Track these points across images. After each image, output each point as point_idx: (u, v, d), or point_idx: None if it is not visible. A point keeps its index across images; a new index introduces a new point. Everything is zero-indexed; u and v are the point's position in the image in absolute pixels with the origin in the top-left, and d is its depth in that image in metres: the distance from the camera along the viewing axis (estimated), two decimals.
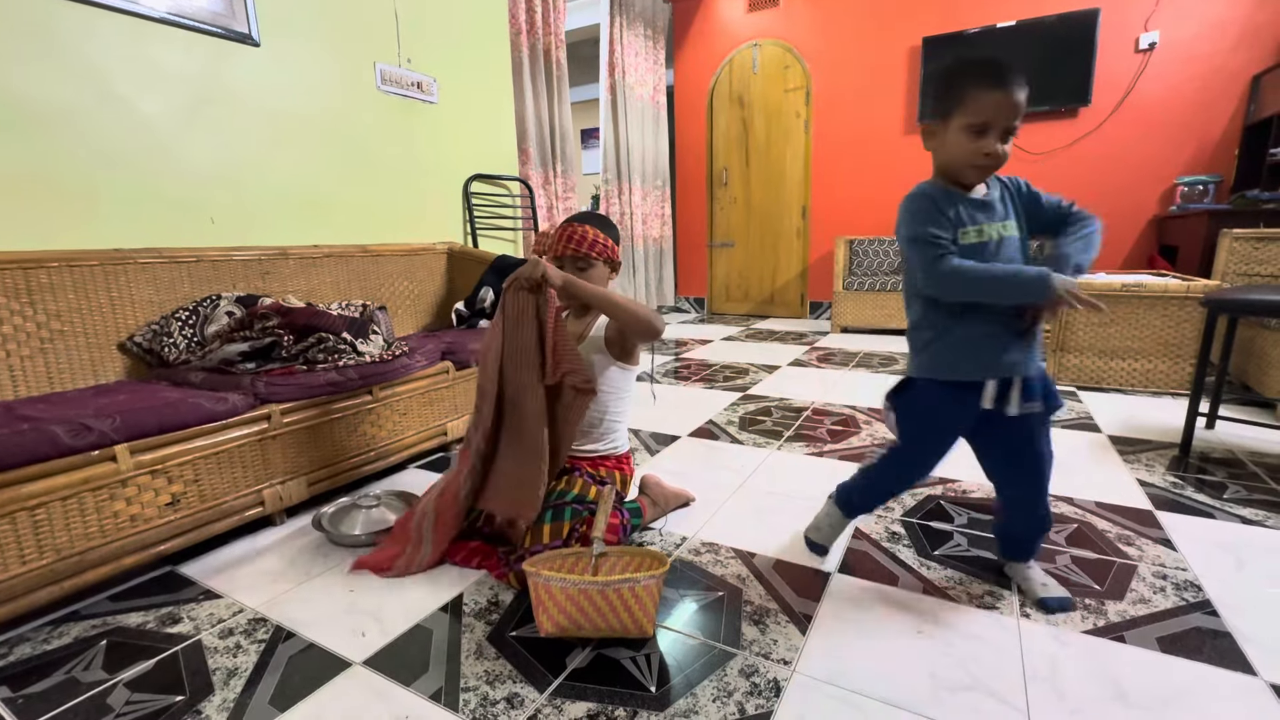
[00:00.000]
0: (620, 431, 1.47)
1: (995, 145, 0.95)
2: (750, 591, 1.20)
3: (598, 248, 1.36)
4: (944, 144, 1.00)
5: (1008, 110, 0.93)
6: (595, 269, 1.38)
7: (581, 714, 0.90)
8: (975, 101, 0.94)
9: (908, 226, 1.02)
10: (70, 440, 1.15)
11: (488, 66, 2.94)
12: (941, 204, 1.00)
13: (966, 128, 0.96)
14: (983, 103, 0.94)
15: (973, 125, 0.95)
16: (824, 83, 4.64)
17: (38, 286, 1.51)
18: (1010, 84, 0.93)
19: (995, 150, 0.95)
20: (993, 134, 0.94)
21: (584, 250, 1.35)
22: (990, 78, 0.94)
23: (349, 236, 2.32)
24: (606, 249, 1.38)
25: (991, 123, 0.94)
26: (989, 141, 0.95)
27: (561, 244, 1.36)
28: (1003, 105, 0.93)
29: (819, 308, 4.99)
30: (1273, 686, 0.92)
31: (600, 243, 1.37)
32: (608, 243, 1.39)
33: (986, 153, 0.95)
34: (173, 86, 1.81)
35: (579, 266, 1.37)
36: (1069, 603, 1.12)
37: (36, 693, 0.97)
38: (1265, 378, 2.22)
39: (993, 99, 0.93)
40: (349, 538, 1.41)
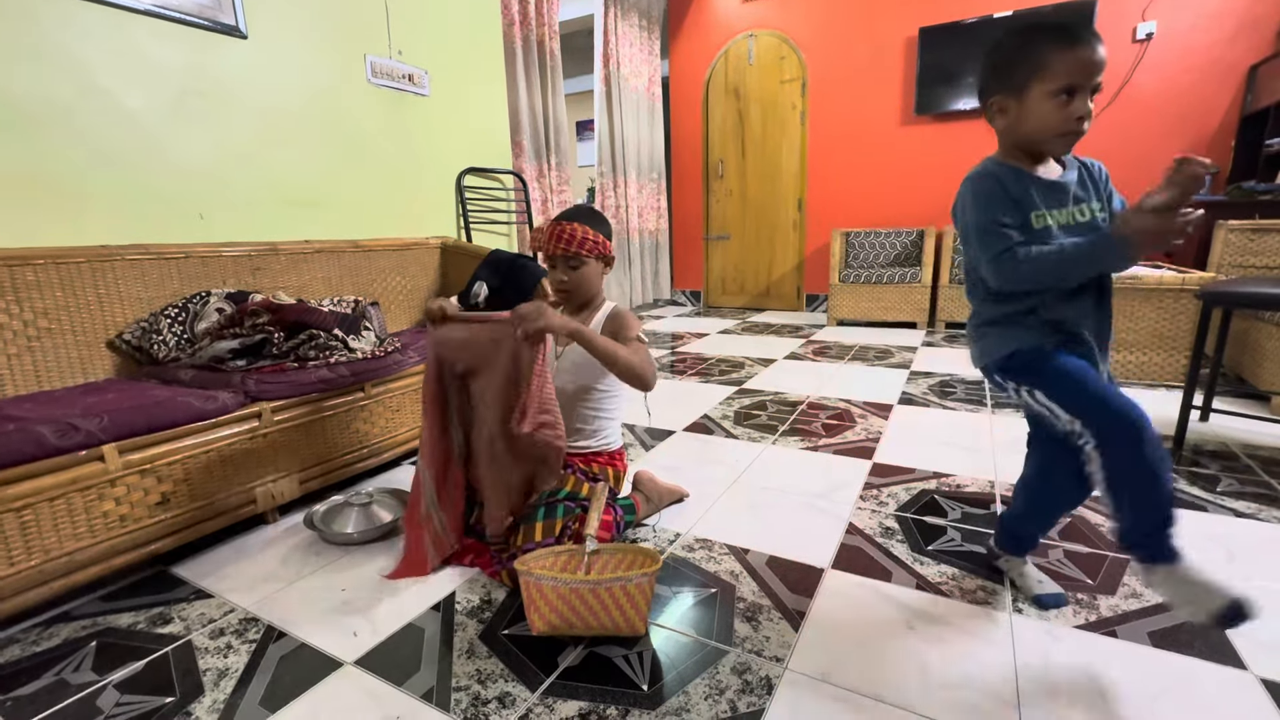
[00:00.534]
0: (613, 428, 1.47)
1: (1083, 106, 0.87)
2: (743, 588, 1.20)
3: (588, 245, 1.34)
4: (1024, 117, 0.92)
5: (1093, 67, 0.86)
6: (588, 266, 1.36)
7: (573, 713, 0.90)
8: (1059, 63, 0.86)
9: (972, 213, 0.94)
10: (57, 440, 1.14)
11: (480, 58, 2.91)
12: (1010, 186, 0.93)
13: (1053, 93, 0.88)
14: (1068, 63, 0.86)
15: (1060, 89, 0.87)
16: (820, 74, 4.61)
17: (24, 284, 1.49)
18: (1091, 39, 0.86)
19: (1088, 111, 0.88)
20: (1081, 95, 0.87)
21: (574, 249, 1.33)
22: (1069, 36, 0.87)
23: (340, 231, 2.30)
24: (598, 245, 1.35)
25: (1079, 84, 0.87)
26: (1079, 103, 0.87)
27: (552, 243, 1.34)
28: (1088, 63, 0.86)
29: (815, 300, 4.98)
30: (1263, 681, 0.93)
31: (591, 240, 1.34)
32: (599, 239, 1.35)
33: (1079, 116, 0.87)
34: (159, 80, 1.78)
35: (571, 265, 1.35)
36: (1064, 599, 1.12)
37: (25, 695, 0.96)
38: (1259, 370, 2.22)
39: (1078, 57, 0.86)
40: (341, 536, 1.41)
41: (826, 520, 1.46)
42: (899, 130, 4.38)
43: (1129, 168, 3.75)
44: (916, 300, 4.02)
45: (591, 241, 1.34)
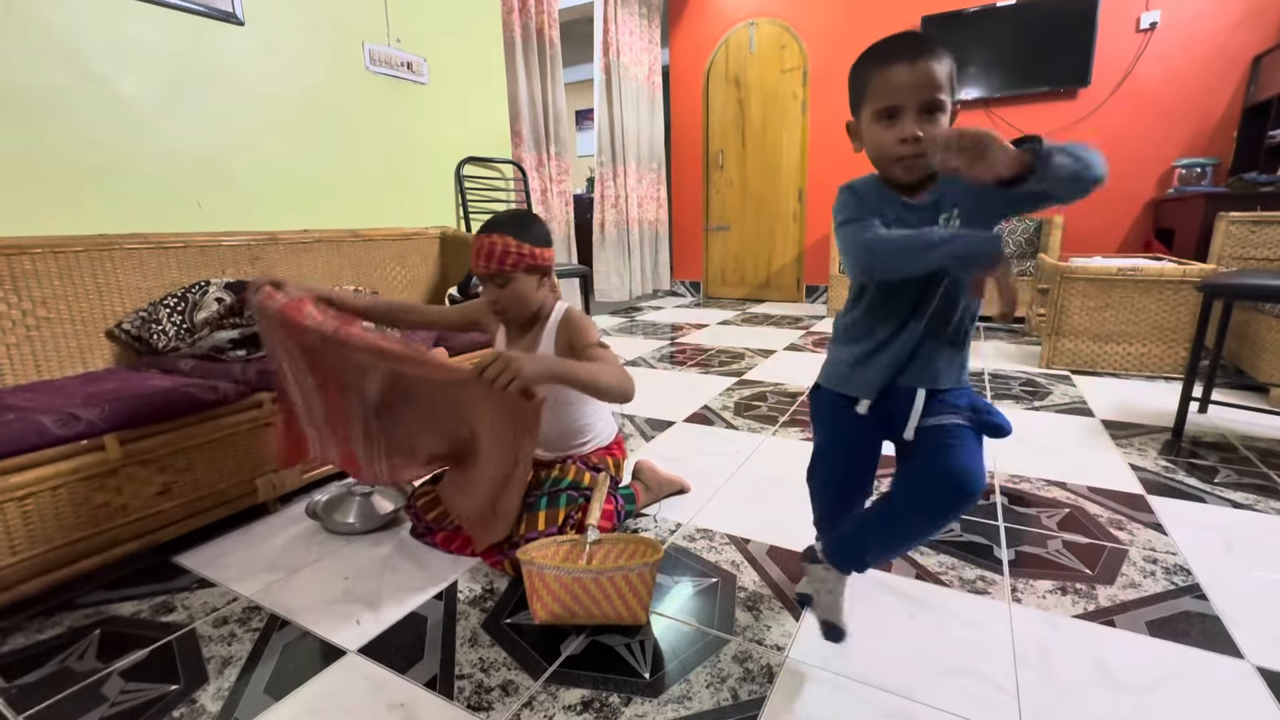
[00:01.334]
0: (601, 423, 1.44)
1: (912, 128, 0.78)
2: (744, 577, 1.20)
3: (510, 259, 1.18)
4: (865, 142, 0.86)
5: (910, 86, 0.77)
6: (517, 281, 1.21)
7: (576, 701, 0.91)
8: (876, 83, 0.80)
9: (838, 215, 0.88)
10: (58, 430, 1.14)
11: (479, 46, 2.88)
12: (867, 198, 0.86)
13: (876, 116, 0.81)
14: (883, 83, 0.79)
15: (880, 110, 0.80)
16: (822, 63, 4.58)
17: (22, 273, 1.48)
18: (914, 54, 0.78)
19: (912, 133, 0.78)
20: (907, 116, 0.79)
21: (494, 266, 1.18)
22: (884, 55, 0.80)
23: (339, 221, 2.29)
24: (524, 258, 1.19)
25: (899, 103, 0.78)
26: (904, 125, 0.79)
27: (475, 261, 1.21)
28: (903, 82, 0.78)
29: (815, 291, 4.97)
30: (1260, 669, 0.93)
31: (514, 252, 1.18)
32: (522, 249, 1.19)
33: (902, 138, 0.79)
34: (155, 67, 1.76)
35: (498, 284, 1.22)
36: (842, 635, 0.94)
37: (30, 683, 0.97)
38: (1259, 362, 2.23)
39: (895, 75, 0.78)
40: (344, 526, 1.41)
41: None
42: None
43: (1131, 160, 3.74)
44: None
45: (515, 254, 1.19)
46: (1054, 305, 2.66)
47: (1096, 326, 2.61)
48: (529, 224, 1.23)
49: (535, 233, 1.23)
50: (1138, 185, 3.75)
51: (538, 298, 1.27)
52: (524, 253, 1.19)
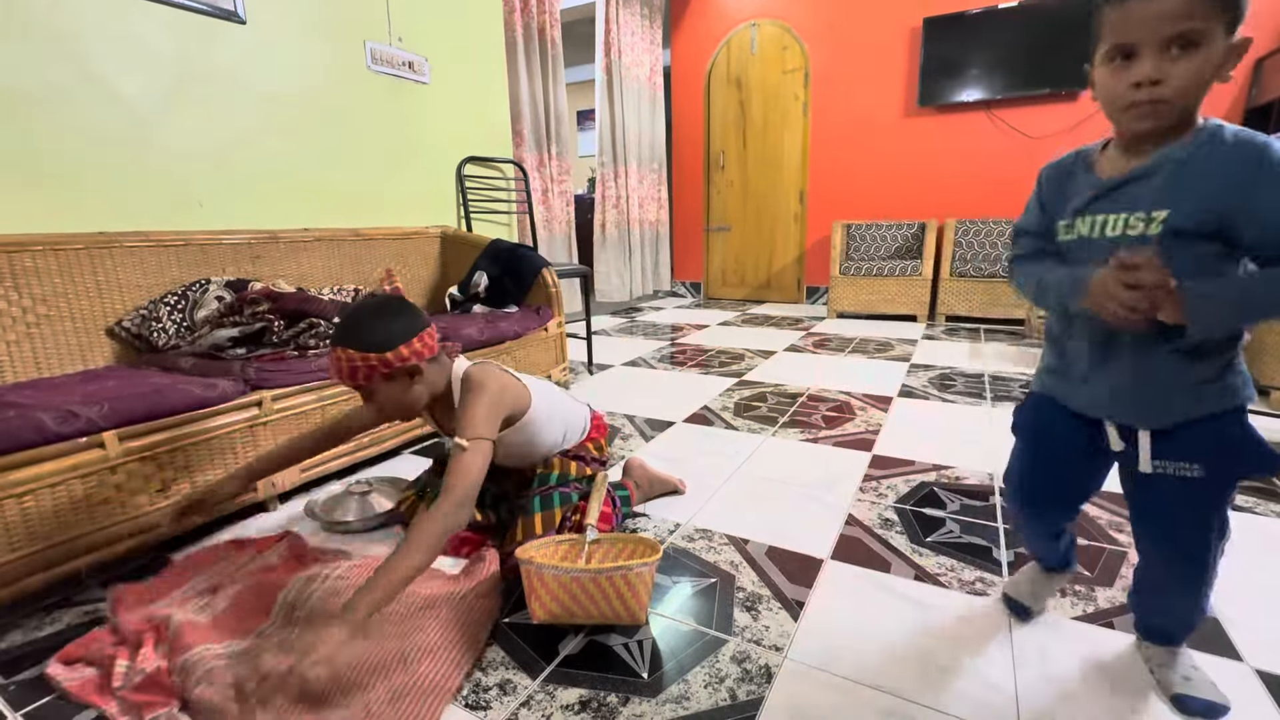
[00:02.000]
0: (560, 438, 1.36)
1: (1145, 69, 0.66)
2: (743, 578, 1.20)
3: (360, 374, 1.04)
4: (1098, 89, 0.74)
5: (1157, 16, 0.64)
6: (380, 392, 1.09)
7: (574, 700, 0.90)
8: (1109, 19, 0.68)
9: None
10: (57, 427, 1.14)
11: (481, 46, 2.88)
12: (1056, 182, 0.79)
13: (1108, 57, 0.69)
14: (1119, 13, 0.67)
15: (1111, 50, 0.69)
16: (823, 64, 4.58)
17: (22, 270, 1.48)
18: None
19: (1145, 75, 0.66)
20: (1145, 56, 0.66)
21: (347, 383, 1.07)
22: None
23: (340, 220, 2.29)
24: (373, 370, 1.04)
25: (1135, 39, 0.66)
26: (1139, 67, 0.66)
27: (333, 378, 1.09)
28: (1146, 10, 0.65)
29: (815, 292, 4.97)
30: (1258, 672, 0.93)
31: (359, 366, 1.03)
32: (369, 360, 1.03)
33: (1135, 82, 0.67)
34: (157, 65, 1.77)
35: (365, 396, 1.11)
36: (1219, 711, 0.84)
37: (28, 680, 0.97)
38: (1260, 364, 2.22)
39: (1126, 8, 0.66)
40: (342, 525, 1.41)
41: (826, 511, 1.46)
42: (902, 122, 4.36)
43: None
44: (917, 293, 4.01)
45: (363, 369, 1.03)
46: None
47: None
48: (378, 324, 1.06)
49: (386, 333, 1.05)
50: None
51: (415, 396, 1.12)
52: (372, 364, 1.03)
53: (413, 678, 0.90)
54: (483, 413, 1.11)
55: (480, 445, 1.07)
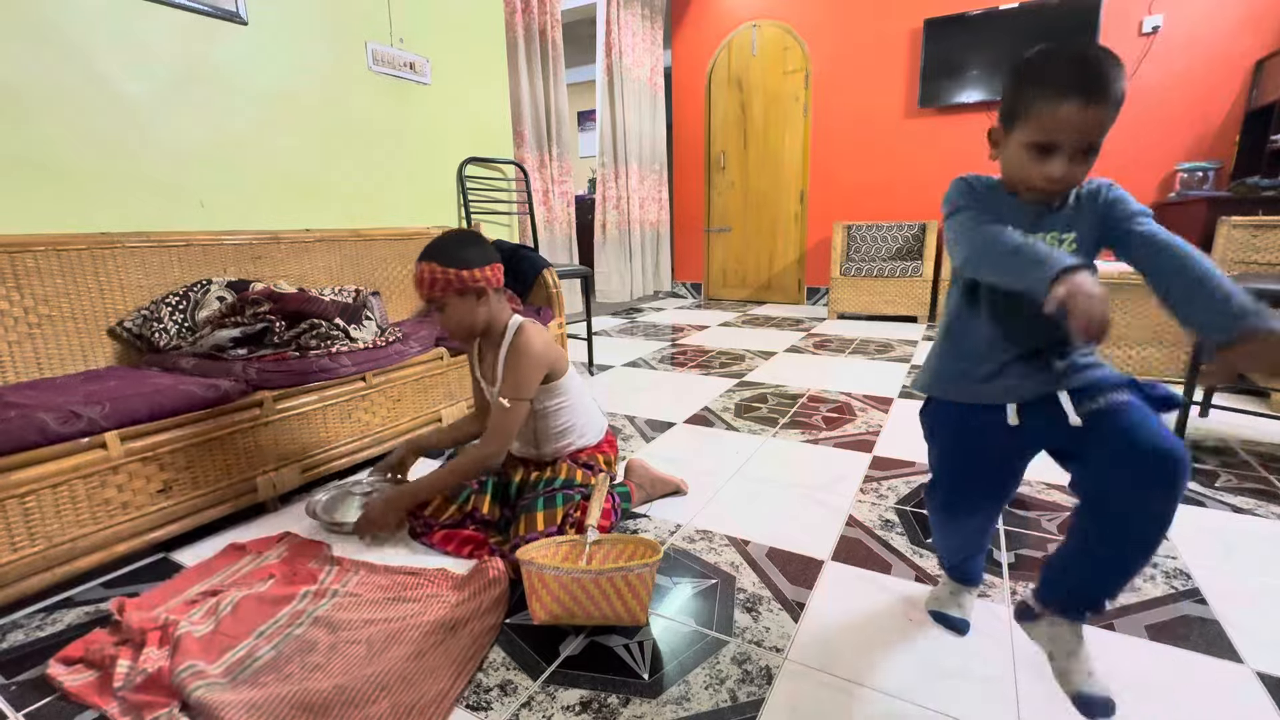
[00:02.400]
0: (584, 424, 1.45)
1: (1060, 169, 0.74)
2: (743, 579, 1.20)
3: (438, 285, 1.23)
4: (1004, 158, 0.82)
5: (1082, 127, 0.72)
6: (450, 306, 1.26)
7: (574, 701, 0.91)
8: (1040, 115, 0.74)
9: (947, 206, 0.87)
10: (59, 427, 1.14)
11: (482, 47, 2.89)
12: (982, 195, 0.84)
13: (1028, 145, 0.76)
14: (1047, 117, 0.73)
15: (1035, 144, 0.75)
16: (824, 65, 4.58)
17: (24, 271, 1.49)
18: (1090, 94, 0.70)
19: (1059, 175, 0.75)
20: (1060, 155, 0.74)
21: (424, 293, 1.25)
22: (1061, 86, 0.72)
23: (341, 220, 2.29)
24: (450, 283, 1.23)
25: (1057, 142, 0.74)
26: (1055, 164, 0.75)
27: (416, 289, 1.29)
28: (1072, 122, 0.72)
29: (816, 293, 4.97)
30: (1259, 674, 0.93)
31: (440, 278, 1.22)
32: (449, 275, 1.22)
33: (1049, 176, 0.76)
34: (159, 66, 1.77)
35: (436, 309, 1.29)
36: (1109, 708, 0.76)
37: (30, 680, 0.97)
38: None
39: (1063, 114, 0.72)
40: (342, 526, 1.41)
41: (826, 513, 1.46)
42: (902, 123, 4.36)
43: (1133, 164, 3.74)
44: (918, 294, 4.02)
45: (442, 280, 1.23)
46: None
47: None
48: (462, 246, 1.25)
49: (468, 255, 1.24)
50: (1140, 189, 3.75)
51: (478, 316, 1.29)
52: (450, 278, 1.22)
53: (416, 696, 0.90)
54: (524, 375, 1.29)
55: (518, 406, 1.29)
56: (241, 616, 1.07)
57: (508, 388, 1.29)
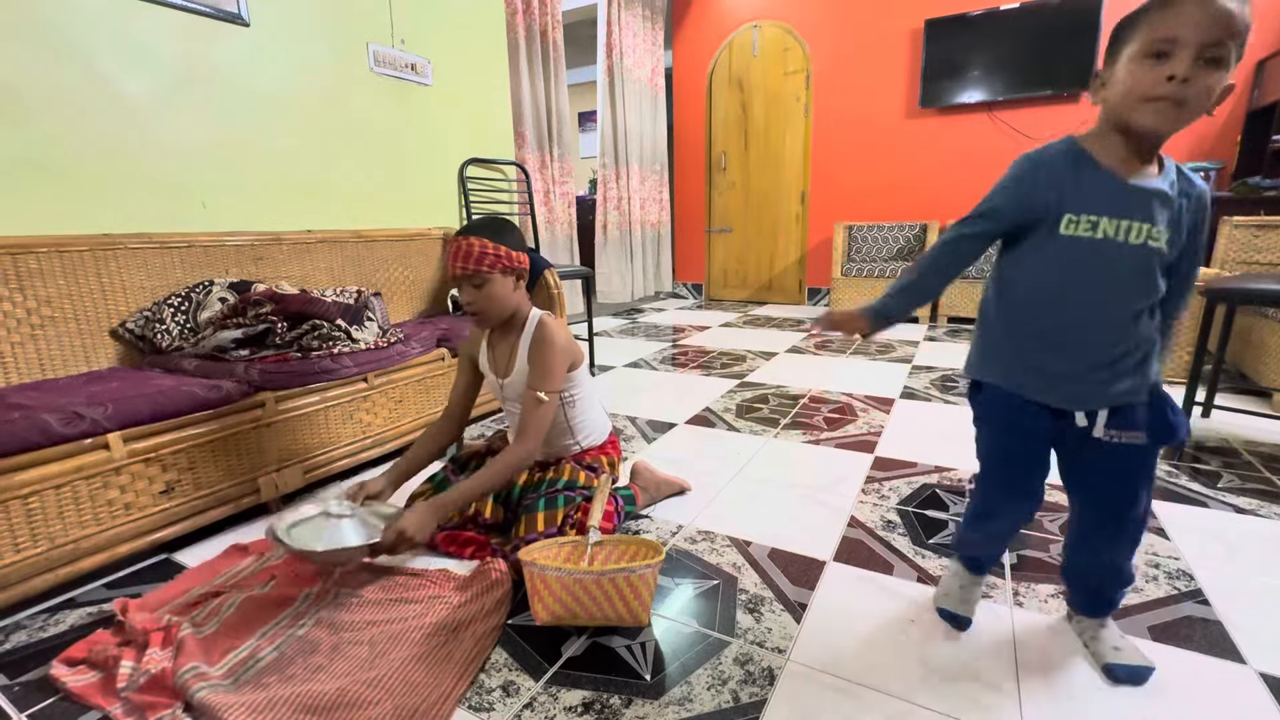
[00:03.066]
0: (590, 425, 1.46)
1: (1181, 66, 0.68)
2: (745, 580, 1.20)
3: (488, 260, 1.22)
4: (1113, 82, 0.75)
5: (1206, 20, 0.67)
6: (493, 283, 1.25)
7: (577, 702, 0.91)
8: (1155, 17, 0.69)
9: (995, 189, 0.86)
10: (62, 428, 1.14)
11: (483, 48, 2.89)
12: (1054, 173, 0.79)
13: (1142, 53, 0.71)
14: (1163, 16, 0.68)
15: (1150, 45, 0.70)
16: (825, 66, 4.58)
17: (27, 272, 1.49)
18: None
19: (1179, 71, 0.68)
20: (1182, 54, 0.68)
21: (472, 266, 1.21)
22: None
23: (343, 221, 2.30)
24: (499, 259, 1.23)
25: (1177, 37, 0.68)
26: (1173, 64, 0.68)
27: (451, 263, 1.23)
28: (1195, 14, 0.67)
29: (817, 294, 4.97)
30: (1261, 675, 0.93)
31: (490, 253, 1.22)
32: (499, 251, 1.23)
33: (1169, 75, 0.68)
34: (161, 67, 1.77)
35: (474, 284, 1.24)
36: (1144, 674, 0.92)
37: (32, 681, 0.97)
38: (1262, 366, 2.22)
39: (1178, 9, 0.68)
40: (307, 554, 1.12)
41: (828, 513, 1.46)
42: (903, 123, 4.36)
43: None
44: None
45: (492, 255, 1.22)
46: None
47: None
48: (506, 228, 1.28)
49: (512, 237, 1.27)
50: None
51: (514, 299, 1.30)
52: (500, 254, 1.23)
53: (419, 698, 0.90)
54: (555, 366, 1.29)
55: (554, 397, 1.29)
56: (244, 618, 1.07)
57: (539, 380, 1.28)
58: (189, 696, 0.88)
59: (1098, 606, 0.98)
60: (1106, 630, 0.97)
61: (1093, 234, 0.78)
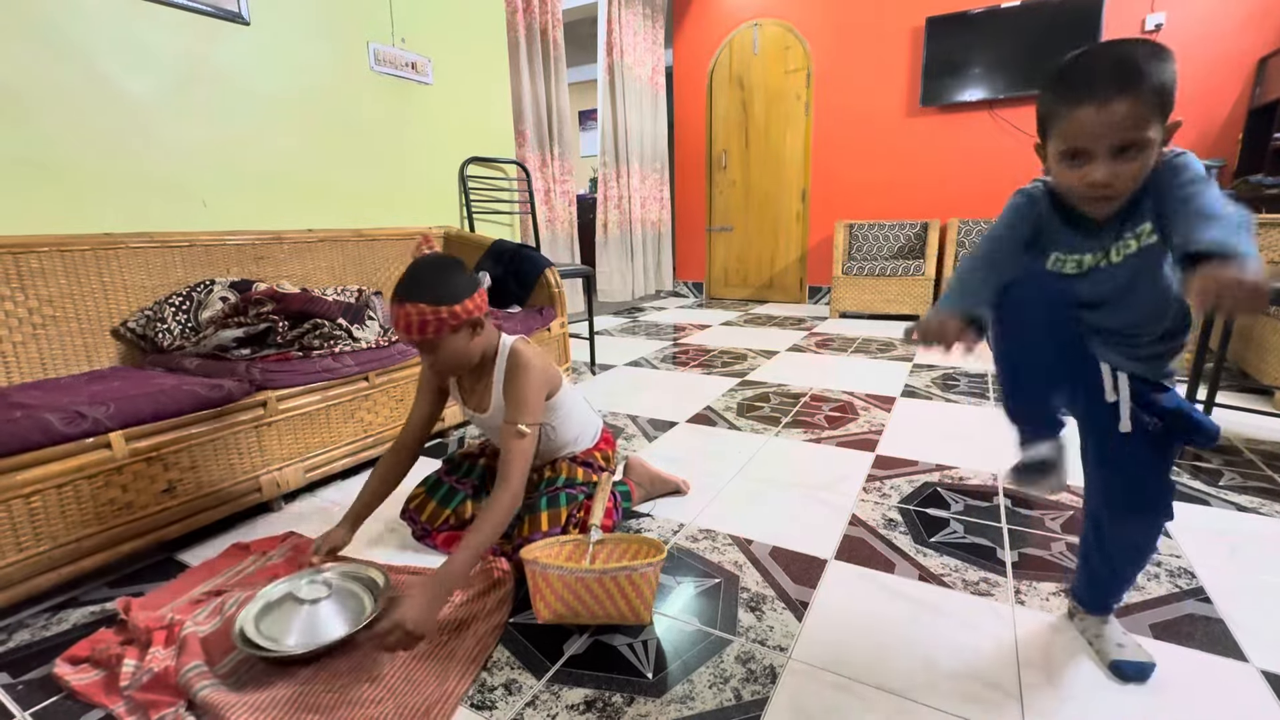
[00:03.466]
0: (578, 435, 1.40)
1: (1101, 173, 0.72)
2: (747, 578, 1.20)
3: (430, 328, 1.07)
4: (1050, 170, 0.80)
5: (1107, 128, 0.70)
6: (445, 344, 1.12)
7: (579, 700, 0.91)
8: (1063, 122, 0.73)
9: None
10: (64, 427, 1.14)
11: (484, 46, 2.89)
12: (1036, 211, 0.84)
13: (1059, 153, 0.75)
14: (1071, 123, 0.72)
15: (1065, 149, 0.74)
16: (825, 64, 4.57)
17: (28, 272, 1.49)
18: (1106, 92, 0.69)
19: (1100, 179, 0.72)
20: (1097, 162, 0.72)
21: (415, 337, 1.08)
22: (1073, 90, 0.71)
23: (343, 220, 2.30)
24: (443, 323, 1.07)
25: (1084, 147, 0.72)
26: (1090, 169, 0.73)
27: (399, 334, 1.11)
28: (1090, 124, 0.70)
29: (818, 292, 4.97)
30: (1263, 672, 0.93)
31: (431, 320, 1.06)
32: (439, 314, 1.07)
33: (1088, 182, 0.74)
34: (162, 66, 1.77)
35: (429, 351, 1.13)
36: (1148, 670, 0.93)
37: (36, 679, 0.97)
38: (1264, 364, 2.22)
39: (1082, 117, 0.71)
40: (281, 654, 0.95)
41: (829, 512, 1.46)
42: (904, 122, 4.36)
43: None
44: (920, 293, 4.01)
45: (434, 322, 1.07)
46: None
47: None
48: (446, 277, 1.10)
49: (453, 287, 1.09)
50: None
51: (473, 350, 1.17)
52: (443, 317, 1.07)
53: (421, 697, 0.90)
54: (534, 396, 1.18)
55: (535, 429, 1.17)
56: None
57: (516, 413, 1.15)
58: (192, 695, 0.88)
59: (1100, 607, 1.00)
60: (1109, 628, 0.99)
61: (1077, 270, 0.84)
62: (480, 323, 1.16)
